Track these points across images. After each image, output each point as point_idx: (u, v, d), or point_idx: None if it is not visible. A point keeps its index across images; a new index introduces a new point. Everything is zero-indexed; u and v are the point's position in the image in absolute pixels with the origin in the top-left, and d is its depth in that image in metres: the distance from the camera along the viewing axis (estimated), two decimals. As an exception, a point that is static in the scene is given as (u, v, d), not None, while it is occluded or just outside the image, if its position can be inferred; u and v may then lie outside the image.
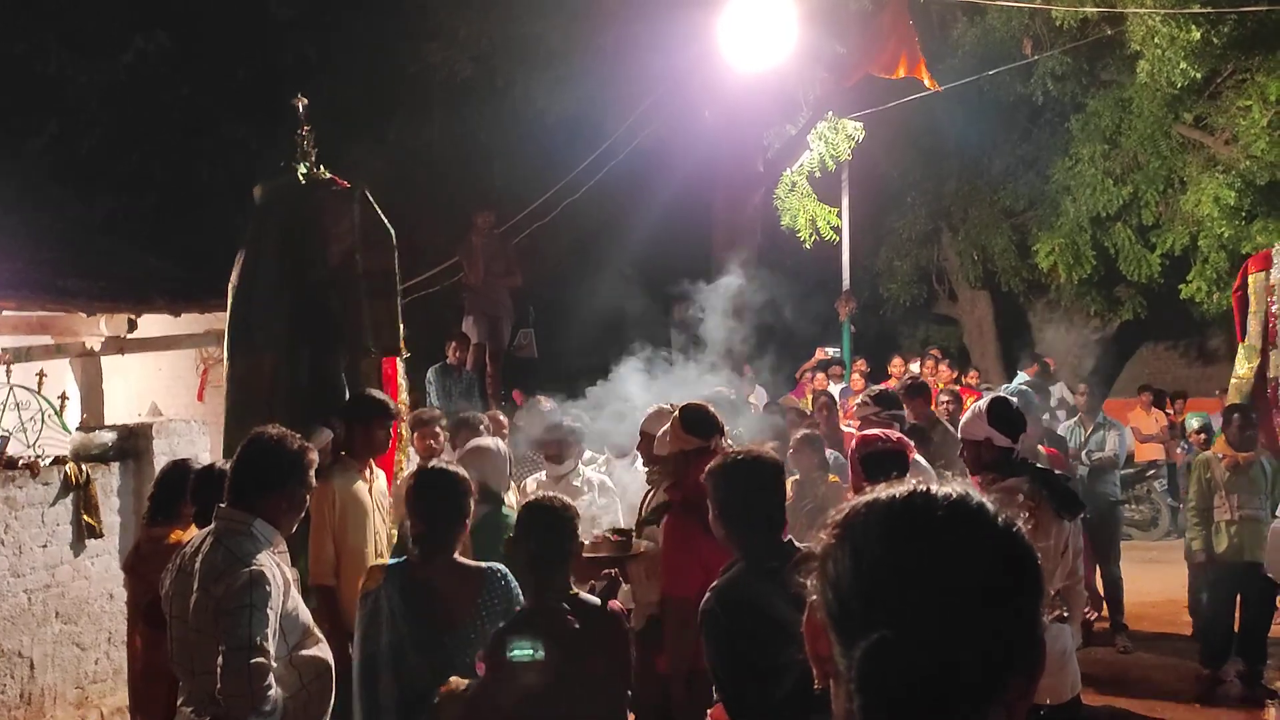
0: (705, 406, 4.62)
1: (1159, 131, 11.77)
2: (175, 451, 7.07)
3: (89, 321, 8.84)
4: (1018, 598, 1.05)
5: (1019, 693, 1.05)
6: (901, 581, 1.04)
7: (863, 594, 1.06)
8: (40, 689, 6.25)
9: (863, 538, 1.09)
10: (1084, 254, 12.70)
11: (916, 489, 1.11)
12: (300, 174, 5.61)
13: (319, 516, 4.68)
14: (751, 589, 2.98)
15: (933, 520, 1.07)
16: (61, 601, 6.40)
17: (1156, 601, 9.40)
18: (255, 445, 3.41)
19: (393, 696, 3.39)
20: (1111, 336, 16.63)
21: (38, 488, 6.32)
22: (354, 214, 5.54)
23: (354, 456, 4.95)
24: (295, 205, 5.60)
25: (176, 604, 3.29)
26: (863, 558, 1.07)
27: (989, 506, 1.09)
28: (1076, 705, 4.25)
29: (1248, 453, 7.01)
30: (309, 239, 5.51)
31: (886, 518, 1.09)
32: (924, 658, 1.00)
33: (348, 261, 5.51)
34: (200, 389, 10.88)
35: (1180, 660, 7.56)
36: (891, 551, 1.06)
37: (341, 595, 4.63)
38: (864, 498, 1.13)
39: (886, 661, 1.01)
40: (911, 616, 1.02)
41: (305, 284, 5.44)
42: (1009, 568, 1.06)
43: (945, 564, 1.04)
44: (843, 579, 1.08)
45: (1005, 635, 1.03)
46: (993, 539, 1.07)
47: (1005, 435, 4.13)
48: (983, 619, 1.02)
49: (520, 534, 3.33)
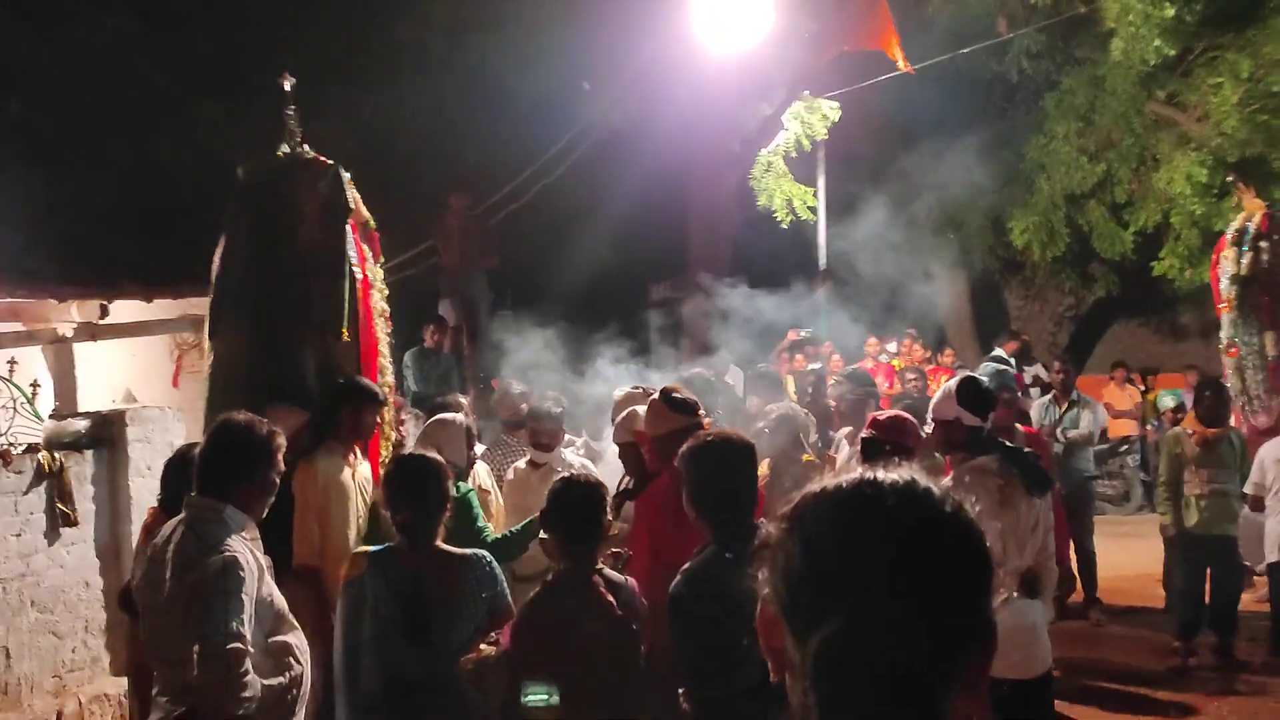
0: (678, 388, 4.64)
1: (1132, 109, 11.83)
2: (150, 439, 7.03)
3: (60, 308, 8.75)
4: (968, 581, 1.06)
5: (975, 673, 1.05)
6: (852, 571, 1.04)
7: (814, 585, 1.06)
8: (17, 678, 6.21)
9: (813, 527, 1.09)
10: (1058, 232, 12.78)
11: (865, 477, 1.10)
12: (281, 153, 5.56)
13: (304, 499, 4.70)
14: (722, 573, 2.99)
15: (881, 507, 1.07)
16: (37, 590, 6.35)
17: (1129, 575, 9.52)
18: (223, 432, 3.39)
19: (378, 683, 3.39)
20: (1084, 314, 16.76)
21: (10, 476, 6.26)
22: (320, 189, 5.47)
23: (339, 441, 4.94)
24: (274, 185, 5.54)
25: (149, 594, 3.27)
26: (813, 548, 1.07)
27: (936, 491, 1.10)
28: (1048, 680, 4.30)
29: (1217, 429, 7.11)
30: (282, 218, 5.46)
31: (836, 507, 1.09)
32: (878, 647, 1.01)
33: (316, 240, 5.47)
34: (175, 375, 10.79)
35: (1153, 633, 7.67)
36: (841, 541, 1.06)
37: (326, 577, 4.62)
38: (814, 487, 1.13)
39: (840, 652, 1.02)
40: (863, 606, 1.02)
41: (277, 264, 5.39)
42: (958, 552, 1.06)
43: (894, 551, 1.04)
44: (793, 570, 1.08)
45: (958, 619, 1.04)
46: (941, 524, 1.07)
47: (974, 415, 4.16)
48: (934, 604, 1.02)
49: (554, 510, 3.35)
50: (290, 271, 5.39)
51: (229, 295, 5.44)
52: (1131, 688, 6.66)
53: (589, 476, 3.51)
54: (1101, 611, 8.17)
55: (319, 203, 5.47)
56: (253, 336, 5.32)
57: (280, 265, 5.39)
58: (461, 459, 4.96)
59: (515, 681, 3.13)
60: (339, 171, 5.55)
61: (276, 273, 5.38)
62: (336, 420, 4.97)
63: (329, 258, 5.46)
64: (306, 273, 5.42)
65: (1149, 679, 6.81)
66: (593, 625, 3.16)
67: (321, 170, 5.54)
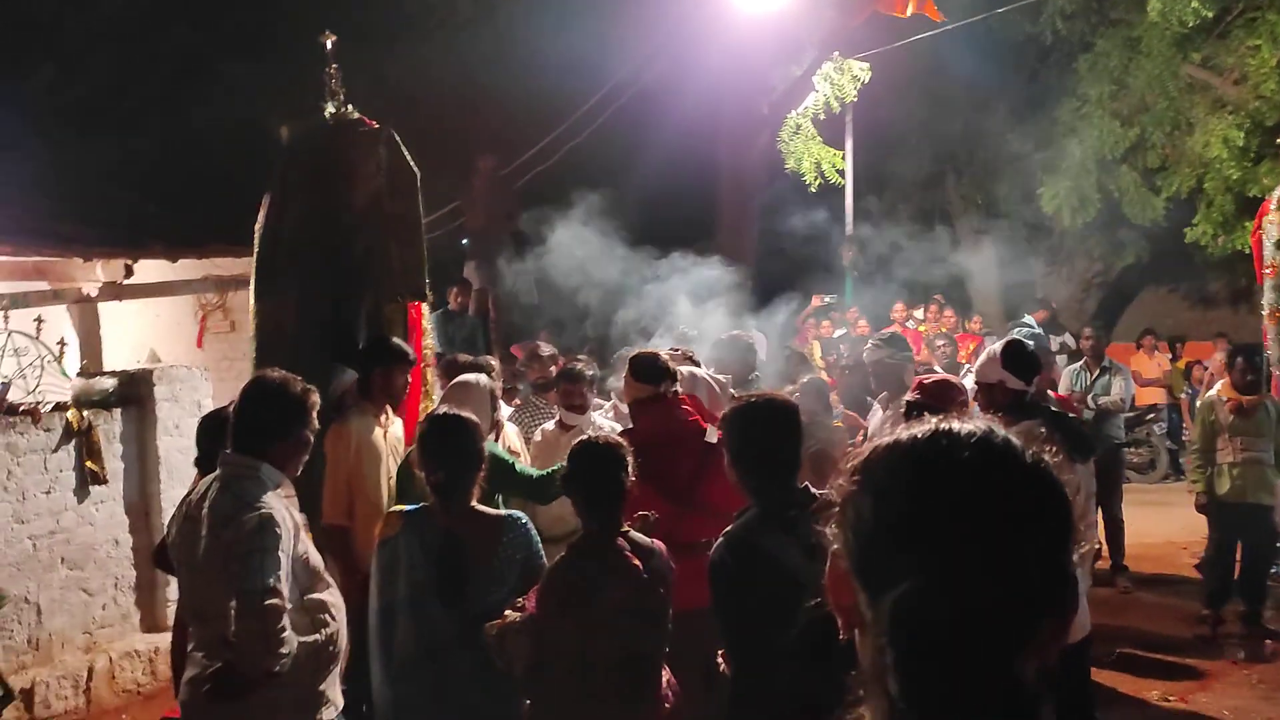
0: (656, 354, 4.61)
1: (1167, 72, 11.62)
2: (177, 398, 7.04)
3: (85, 267, 8.76)
4: (1050, 535, 1.01)
5: (1053, 632, 1.02)
6: (929, 525, 1.00)
7: (889, 541, 1.02)
8: (48, 634, 6.28)
9: (886, 481, 1.04)
10: (1088, 197, 12.61)
11: (939, 428, 1.06)
12: (328, 114, 5.53)
13: (335, 459, 4.73)
14: (764, 536, 2.95)
15: (958, 460, 1.02)
16: (67, 548, 6.40)
17: (1155, 543, 9.47)
18: (258, 390, 3.37)
19: (412, 643, 3.38)
20: (1112, 281, 16.58)
21: (39, 434, 6.29)
22: (380, 155, 5.46)
23: (371, 401, 4.96)
24: (322, 146, 5.53)
25: (184, 551, 3.26)
26: (887, 503, 1.03)
27: (1015, 442, 1.05)
28: (1087, 646, 4.27)
29: (1252, 396, 7.02)
30: (336, 181, 5.45)
31: (910, 459, 1.05)
32: (957, 603, 0.97)
33: (374, 204, 5.45)
34: (199, 335, 10.82)
35: (1180, 601, 7.63)
36: (918, 495, 1.02)
37: (355, 537, 4.67)
38: (883, 440, 1.08)
39: (918, 609, 0.98)
40: (942, 561, 0.98)
41: (331, 226, 5.40)
42: (1040, 505, 1.02)
43: (976, 505, 1.00)
44: (866, 525, 1.04)
45: (1039, 575, 0.99)
46: (1022, 476, 1.03)
47: (1019, 378, 4.10)
48: (1016, 560, 0.98)
49: (576, 472, 3.30)
50: (347, 232, 5.39)
51: (278, 255, 5.43)
52: (1159, 655, 6.63)
53: (609, 437, 3.43)
54: (1128, 579, 8.12)
55: (381, 167, 5.45)
56: (304, 296, 5.33)
57: (336, 226, 5.39)
58: (485, 421, 4.93)
59: (539, 647, 3.10)
60: (392, 134, 5.53)
61: (332, 233, 5.38)
62: (368, 381, 4.98)
63: (405, 223, 5.48)
64: (370, 235, 5.42)
65: (1176, 646, 6.78)
66: (618, 590, 3.11)
67: (375, 134, 5.52)
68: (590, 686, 3.09)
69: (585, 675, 3.09)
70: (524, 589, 3.37)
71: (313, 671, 3.26)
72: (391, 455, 4.90)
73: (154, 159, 9.18)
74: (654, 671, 3.22)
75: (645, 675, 3.18)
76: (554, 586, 3.15)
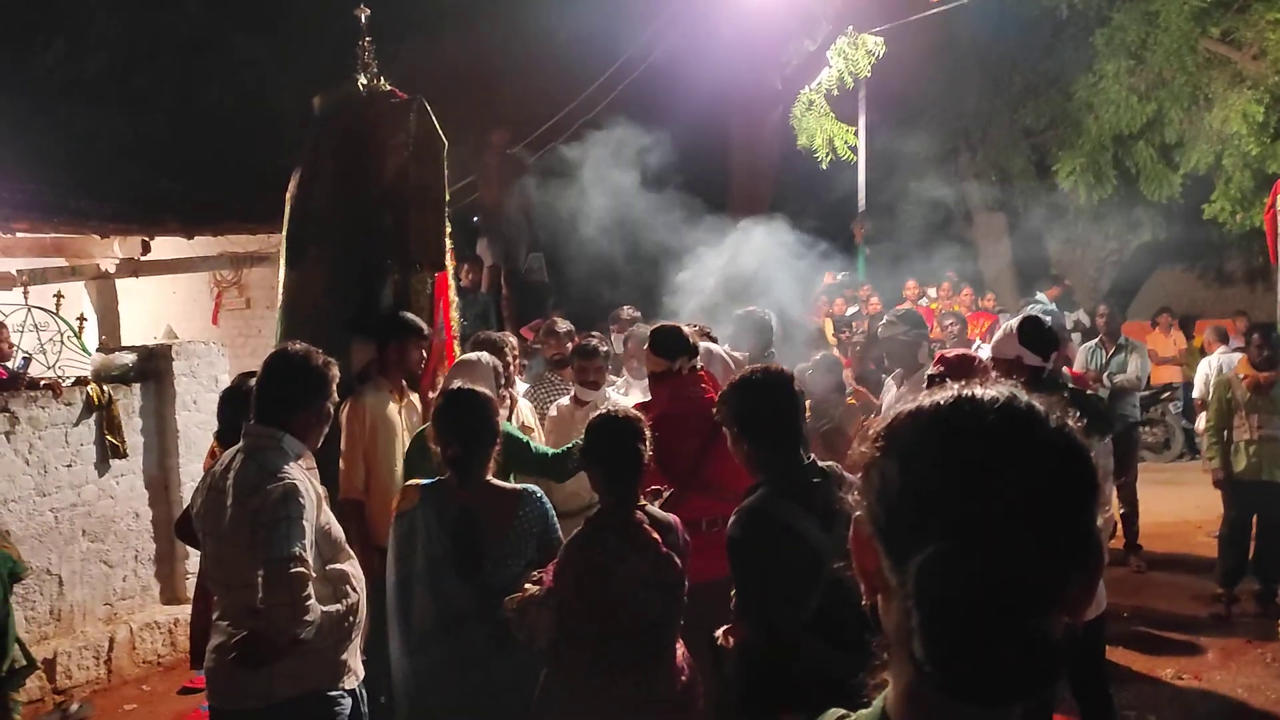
0: (677, 328, 4.59)
1: (1185, 46, 11.48)
2: (195, 373, 7.09)
3: (103, 244, 8.80)
4: (1076, 497, 1.02)
5: (1082, 592, 1.03)
6: (956, 489, 1.00)
7: (915, 505, 1.02)
8: (70, 605, 6.36)
9: (911, 446, 1.05)
10: (1105, 174, 12.50)
11: (962, 393, 1.06)
12: (360, 85, 5.56)
13: (351, 434, 4.76)
14: (779, 508, 2.96)
15: (984, 424, 1.03)
16: (88, 520, 6.47)
17: (1170, 522, 9.46)
18: (280, 362, 3.40)
19: (429, 615, 3.41)
20: (1128, 258, 16.47)
21: (60, 408, 6.35)
22: (410, 124, 5.48)
23: (386, 376, 4.97)
24: (354, 117, 5.55)
25: (209, 521, 3.30)
26: (912, 467, 1.04)
27: (1039, 406, 1.06)
28: (1101, 624, 4.29)
29: (1268, 372, 6.99)
30: (366, 152, 5.47)
31: (935, 424, 1.05)
32: (985, 567, 0.98)
33: (400, 174, 5.47)
34: (215, 312, 10.88)
35: (1194, 579, 7.62)
36: (944, 459, 1.02)
37: (371, 511, 4.70)
38: (906, 407, 1.10)
39: (946, 573, 0.98)
40: (968, 525, 0.98)
41: (360, 198, 5.41)
42: (1065, 467, 1.02)
43: (1001, 468, 1.00)
44: (891, 490, 1.04)
45: (1066, 536, 1.00)
46: (1047, 438, 1.03)
47: (1036, 354, 4.10)
48: (1043, 522, 0.99)
49: (594, 446, 3.29)
50: (376, 204, 5.41)
51: (310, 226, 5.45)
52: (1173, 634, 6.63)
53: (627, 411, 3.40)
54: (1142, 558, 8.12)
55: (410, 137, 5.47)
56: (333, 268, 5.36)
57: (365, 197, 5.41)
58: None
59: (559, 621, 3.12)
60: (424, 103, 5.54)
61: (361, 205, 5.40)
62: (382, 356, 4.99)
63: (428, 193, 5.51)
64: (396, 206, 5.44)
65: (1191, 625, 6.78)
66: (637, 563, 3.12)
67: (407, 104, 5.53)
68: (608, 658, 3.11)
69: (603, 647, 3.12)
70: (540, 562, 3.40)
71: (335, 641, 3.30)
72: (407, 429, 4.91)
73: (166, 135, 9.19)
74: (671, 643, 3.24)
75: (662, 646, 3.20)
76: (574, 560, 3.15)
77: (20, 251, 8.54)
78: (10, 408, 6.08)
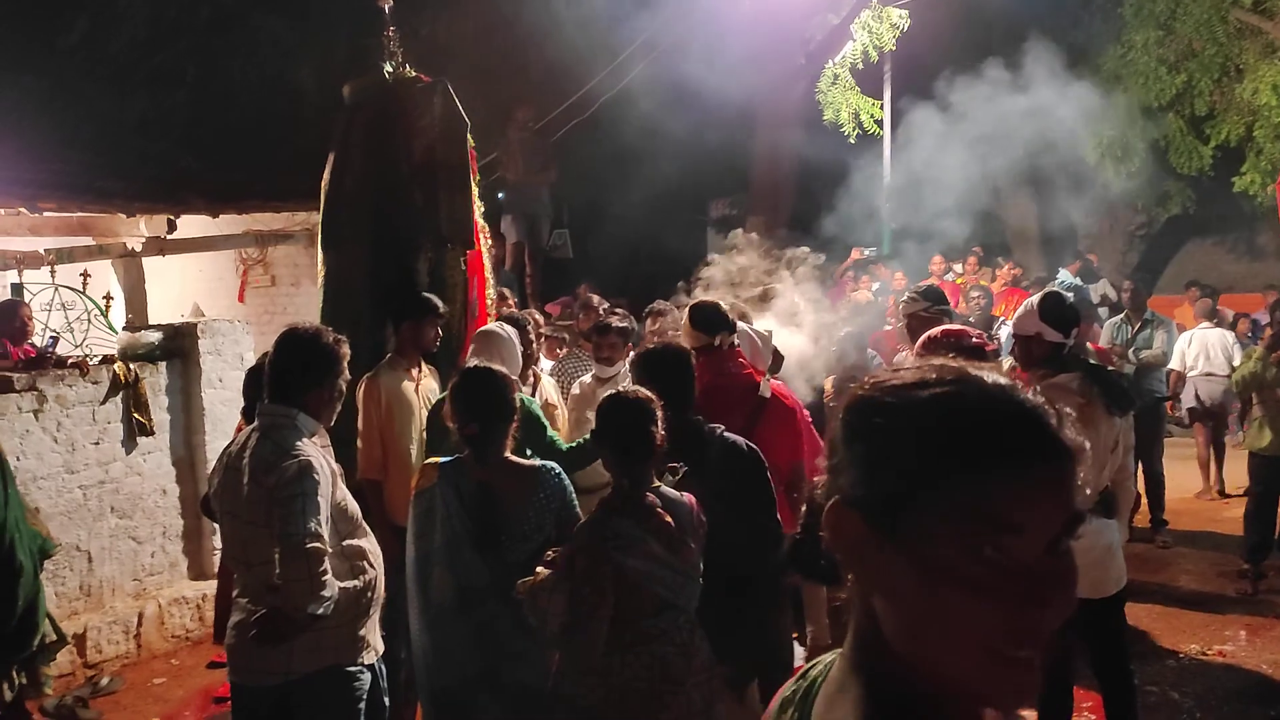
0: (717, 304, 4.57)
1: (1216, 17, 11.27)
2: (221, 351, 7.15)
3: (129, 222, 8.87)
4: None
5: None
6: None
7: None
8: (99, 581, 6.45)
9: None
10: (1133, 146, 12.33)
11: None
12: (386, 73, 5.66)
13: (367, 414, 4.79)
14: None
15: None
16: (116, 497, 6.55)
17: (1195, 498, 9.40)
18: (291, 341, 3.42)
19: (449, 592, 3.44)
20: (1156, 232, 16.27)
21: (87, 387, 6.42)
22: (435, 106, 5.57)
23: (401, 355, 4.99)
24: (382, 104, 5.64)
25: (227, 500, 3.33)
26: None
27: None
28: (1121, 599, 4.26)
29: (1297, 349, 6.91)
30: (395, 136, 5.56)
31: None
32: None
33: (429, 155, 5.56)
34: (240, 290, 10.95)
35: (1220, 555, 7.58)
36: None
37: (388, 491, 4.73)
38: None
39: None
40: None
41: (392, 180, 5.50)
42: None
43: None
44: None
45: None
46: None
47: (1057, 330, 4.06)
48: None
49: (603, 427, 3.28)
50: (408, 185, 5.50)
51: (343, 209, 5.54)
52: (1198, 609, 6.60)
53: (637, 391, 3.35)
54: (1167, 534, 8.07)
55: (436, 117, 5.55)
56: (369, 249, 5.44)
57: (396, 179, 5.50)
58: (514, 370, 4.93)
59: (571, 605, 3.11)
60: (447, 86, 5.62)
61: (392, 187, 5.49)
62: (398, 335, 5.01)
63: (454, 173, 5.57)
64: (426, 186, 5.51)
65: (1216, 601, 6.75)
66: (650, 545, 3.10)
67: (431, 86, 5.62)
68: (623, 639, 3.12)
69: (617, 628, 3.12)
70: (558, 539, 3.40)
71: (353, 616, 3.34)
72: (423, 408, 4.92)
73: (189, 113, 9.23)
74: (687, 623, 3.24)
75: (678, 626, 3.20)
76: (586, 544, 3.14)
77: (48, 231, 8.62)
78: (38, 386, 6.15)
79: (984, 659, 0.94)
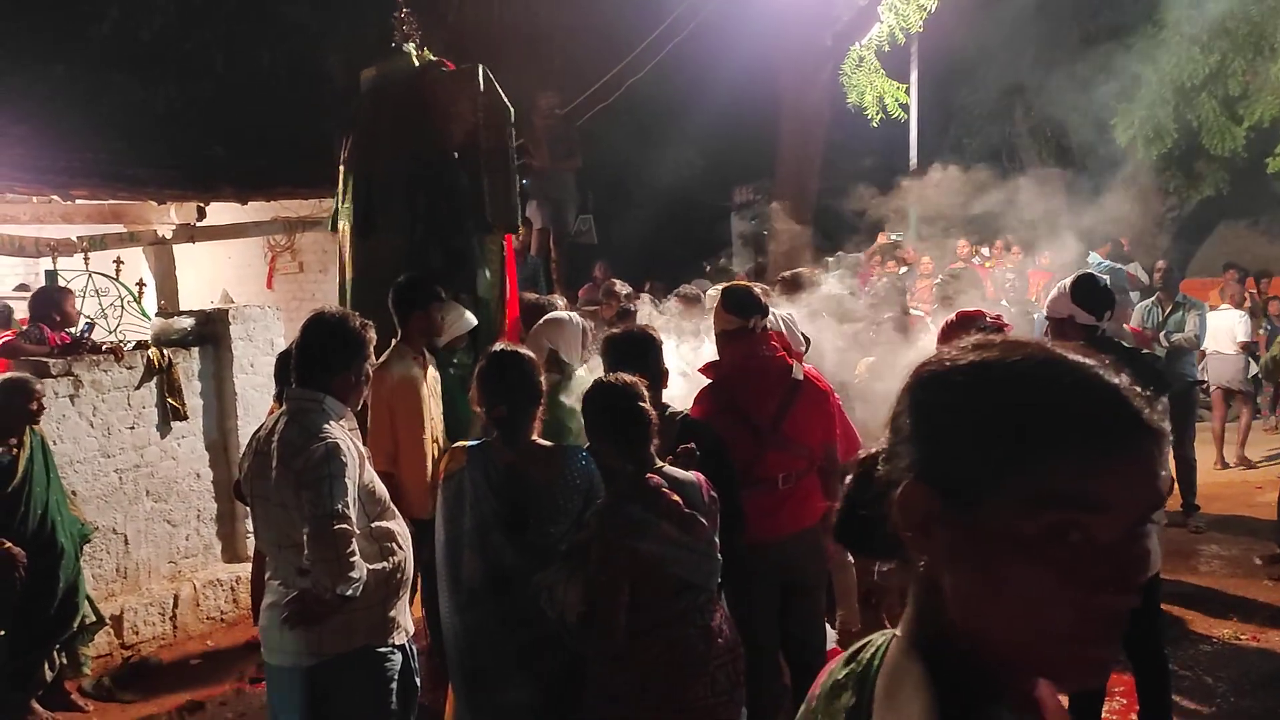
0: (749, 287, 4.57)
1: (1249, -6, 11.14)
2: (252, 336, 7.22)
3: (160, 210, 8.96)
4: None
5: None
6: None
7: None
8: (135, 563, 6.55)
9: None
10: (1165, 128, 12.18)
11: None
12: (414, 57, 5.68)
13: (377, 403, 4.68)
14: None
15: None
16: (151, 480, 6.64)
17: (1227, 483, 9.31)
18: (317, 325, 3.44)
19: (479, 573, 3.46)
20: (1188, 214, 16.08)
21: (122, 372, 6.50)
22: (477, 93, 5.58)
23: (408, 343, 4.90)
24: (409, 87, 5.63)
25: (257, 484, 3.37)
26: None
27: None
28: (1157, 582, 4.24)
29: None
30: (427, 120, 5.55)
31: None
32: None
33: (470, 141, 5.57)
34: (269, 276, 11.04)
35: (1253, 540, 7.51)
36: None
37: (401, 481, 4.63)
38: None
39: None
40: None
41: (426, 165, 5.50)
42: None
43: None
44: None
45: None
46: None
47: (1089, 313, 4.03)
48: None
49: (599, 418, 3.28)
50: (442, 170, 5.52)
51: (371, 197, 5.56)
52: (1231, 594, 6.55)
53: (620, 376, 3.34)
54: (1199, 519, 8.01)
55: (477, 104, 5.55)
56: (406, 236, 5.46)
57: (433, 164, 5.51)
58: (576, 357, 4.92)
59: (589, 598, 3.11)
60: (487, 71, 5.63)
61: (428, 171, 5.50)
62: (406, 324, 4.92)
63: (498, 158, 5.60)
64: (470, 170, 5.54)
65: (1249, 586, 6.69)
66: (662, 528, 3.10)
67: (468, 72, 5.61)
68: (643, 622, 3.13)
69: (638, 615, 3.12)
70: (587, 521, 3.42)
71: (383, 598, 3.37)
72: (432, 397, 4.87)
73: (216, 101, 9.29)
74: (707, 603, 3.24)
75: (698, 607, 3.20)
76: (599, 533, 3.14)
77: (80, 218, 8.72)
78: (74, 371, 6.24)
79: (1060, 639, 0.94)
